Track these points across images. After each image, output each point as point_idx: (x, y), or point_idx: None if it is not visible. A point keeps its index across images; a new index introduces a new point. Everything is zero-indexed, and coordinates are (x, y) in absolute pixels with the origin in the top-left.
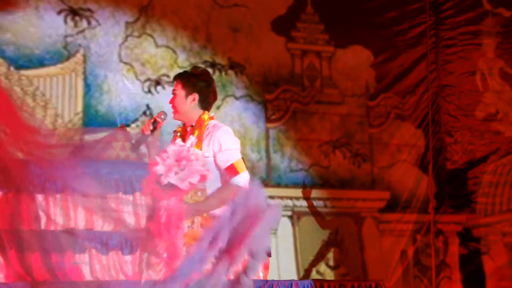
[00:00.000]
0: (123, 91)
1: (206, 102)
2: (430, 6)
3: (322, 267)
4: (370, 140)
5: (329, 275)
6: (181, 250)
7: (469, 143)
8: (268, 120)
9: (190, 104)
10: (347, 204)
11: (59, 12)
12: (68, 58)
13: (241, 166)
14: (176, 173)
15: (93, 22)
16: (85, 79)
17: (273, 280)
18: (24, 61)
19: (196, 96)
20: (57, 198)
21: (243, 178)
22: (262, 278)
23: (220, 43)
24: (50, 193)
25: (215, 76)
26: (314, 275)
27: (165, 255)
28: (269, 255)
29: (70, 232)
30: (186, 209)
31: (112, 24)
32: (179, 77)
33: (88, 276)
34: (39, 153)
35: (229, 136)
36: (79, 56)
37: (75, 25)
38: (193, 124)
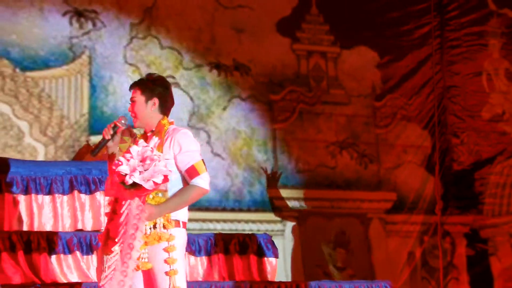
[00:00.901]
0: (128, 93)
1: (165, 107)
2: (435, 7)
3: (330, 268)
4: (377, 140)
5: (337, 276)
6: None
7: (475, 144)
8: (274, 121)
9: (151, 109)
10: (353, 205)
11: (64, 14)
12: (73, 59)
13: (202, 167)
14: (140, 172)
15: (98, 24)
16: (90, 81)
17: (280, 282)
18: (29, 63)
19: (156, 100)
20: (64, 199)
21: (203, 179)
22: (270, 280)
23: (224, 44)
24: (58, 194)
25: (220, 77)
26: (321, 276)
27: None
28: (276, 256)
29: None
30: (149, 210)
31: (117, 25)
32: (137, 84)
33: (95, 278)
34: None
35: (189, 138)
36: (84, 57)
37: (80, 26)
38: (153, 129)
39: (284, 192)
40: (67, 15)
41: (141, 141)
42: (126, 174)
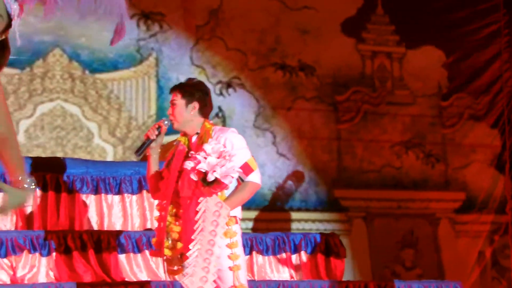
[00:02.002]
0: None
1: (205, 111)
2: (504, 5)
3: (398, 268)
4: (443, 140)
5: (405, 275)
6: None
7: None
8: (338, 121)
9: (191, 112)
10: (421, 205)
11: (131, 17)
12: (141, 61)
13: (254, 164)
14: (218, 169)
15: (165, 26)
16: (157, 82)
17: (348, 281)
18: (98, 65)
19: (196, 104)
20: (133, 199)
21: (257, 175)
22: (338, 279)
23: (289, 45)
24: (127, 194)
25: (285, 78)
26: (389, 276)
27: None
28: (344, 256)
29: (148, 232)
30: (226, 206)
31: (183, 27)
32: (178, 88)
33: (164, 277)
34: None
35: (239, 136)
36: (151, 59)
37: (147, 28)
38: (198, 132)
39: (350, 192)
40: (134, 18)
41: (211, 140)
42: (207, 171)
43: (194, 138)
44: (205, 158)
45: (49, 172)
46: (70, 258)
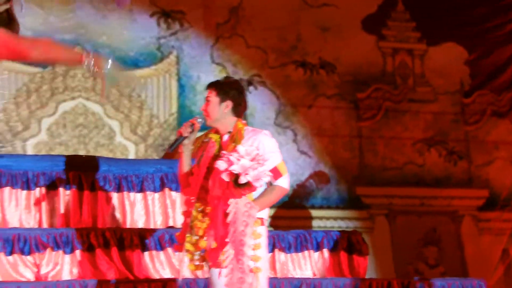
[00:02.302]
0: None
1: (238, 110)
2: None
3: (421, 265)
4: (466, 137)
5: (428, 273)
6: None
7: None
8: (360, 119)
9: (224, 110)
10: (443, 203)
11: (151, 15)
12: (161, 59)
13: (284, 168)
14: (251, 172)
15: (185, 24)
16: (178, 80)
17: (371, 279)
18: (119, 63)
19: (229, 103)
20: (155, 197)
21: (286, 180)
22: (360, 277)
23: (310, 42)
24: (149, 192)
25: (306, 75)
26: (412, 273)
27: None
28: (366, 253)
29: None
30: (251, 207)
31: (203, 25)
32: (213, 85)
33: (187, 274)
34: None
35: (271, 139)
36: (172, 57)
37: (168, 27)
38: (230, 131)
39: (372, 190)
40: (154, 16)
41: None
42: (239, 173)
43: (225, 137)
44: (239, 159)
45: (72, 170)
46: (93, 256)
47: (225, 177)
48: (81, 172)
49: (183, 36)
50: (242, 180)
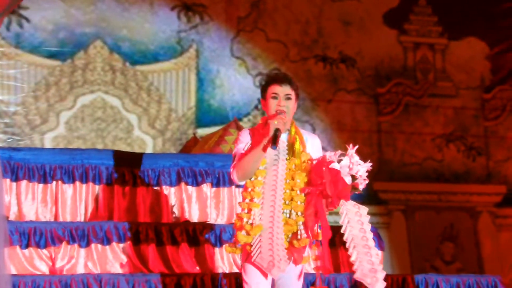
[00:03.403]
0: (235, 86)
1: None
2: None
3: (437, 262)
4: (486, 133)
5: (444, 269)
6: None
7: None
8: (380, 113)
9: (295, 110)
10: (462, 198)
11: (172, 8)
12: (181, 53)
13: None
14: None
15: (206, 18)
16: (198, 74)
17: (386, 274)
18: (139, 57)
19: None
20: (172, 191)
21: None
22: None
23: (331, 37)
24: (165, 186)
25: (326, 70)
26: (428, 269)
27: None
28: (382, 249)
29: (185, 224)
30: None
31: (224, 19)
32: (292, 84)
33: (202, 269)
34: None
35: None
36: (192, 51)
37: (188, 20)
38: (289, 129)
39: (390, 185)
40: (175, 9)
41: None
42: (364, 179)
43: (285, 136)
44: (359, 164)
45: (89, 164)
46: (108, 249)
47: (348, 180)
48: (99, 165)
49: (203, 29)
50: (362, 183)
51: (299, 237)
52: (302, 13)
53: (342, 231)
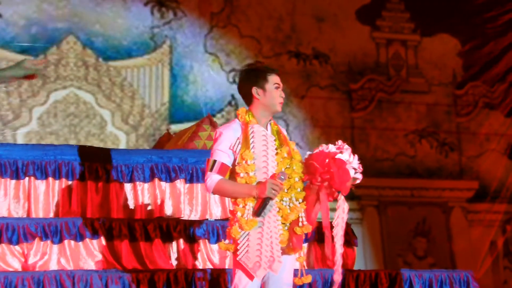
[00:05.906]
0: (208, 82)
1: None
2: None
3: (410, 257)
4: (458, 129)
5: (417, 265)
6: None
7: None
8: (353, 109)
9: None
10: (434, 194)
11: (146, 4)
12: (155, 49)
13: None
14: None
15: (179, 13)
16: (171, 70)
17: (359, 270)
18: (112, 52)
19: None
20: (145, 187)
21: None
22: (349, 268)
23: (304, 32)
24: (139, 182)
25: (300, 66)
26: (401, 265)
27: None
28: (355, 244)
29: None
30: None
31: (197, 15)
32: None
33: (175, 264)
34: None
35: None
36: (165, 47)
37: (162, 16)
38: (269, 121)
39: (363, 181)
40: (148, 5)
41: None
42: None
43: (268, 126)
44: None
45: (62, 160)
46: (81, 246)
47: (358, 176)
48: (71, 161)
49: (176, 25)
50: (359, 179)
51: (300, 224)
52: (276, 9)
53: (333, 225)
